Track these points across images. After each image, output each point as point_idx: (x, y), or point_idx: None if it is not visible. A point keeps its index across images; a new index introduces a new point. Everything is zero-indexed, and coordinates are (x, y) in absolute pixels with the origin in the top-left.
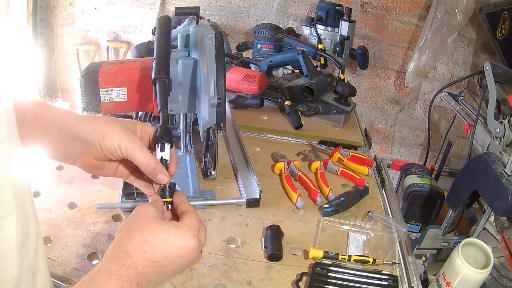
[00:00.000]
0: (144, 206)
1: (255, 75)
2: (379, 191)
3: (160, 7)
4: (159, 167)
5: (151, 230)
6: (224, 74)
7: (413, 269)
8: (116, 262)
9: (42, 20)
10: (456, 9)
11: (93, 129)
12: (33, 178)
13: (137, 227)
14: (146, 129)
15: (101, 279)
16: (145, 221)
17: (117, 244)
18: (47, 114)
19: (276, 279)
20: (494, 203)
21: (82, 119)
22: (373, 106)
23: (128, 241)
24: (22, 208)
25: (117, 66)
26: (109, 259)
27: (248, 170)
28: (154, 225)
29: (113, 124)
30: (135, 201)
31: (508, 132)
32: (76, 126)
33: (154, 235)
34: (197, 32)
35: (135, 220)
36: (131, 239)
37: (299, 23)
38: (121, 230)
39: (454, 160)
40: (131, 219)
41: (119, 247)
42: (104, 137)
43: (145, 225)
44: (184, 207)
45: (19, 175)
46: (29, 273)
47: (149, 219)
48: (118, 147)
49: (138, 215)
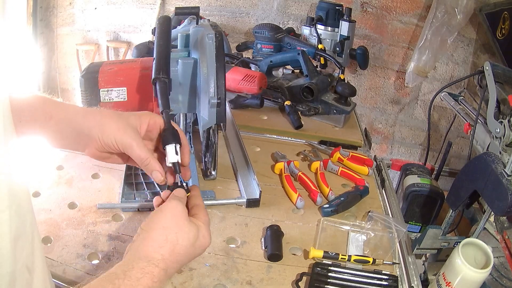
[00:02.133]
0: (176, 203)
1: (255, 75)
2: (379, 191)
3: (160, 7)
4: (153, 164)
5: (185, 233)
6: (224, 74)
7: (413, 269)
8: (151, 263)
9: (42, 20)
10: (456, 9)
11: (94, 125)
12: (33, 178)
13: (173, 228)
14: (155, 121)
15: (134, 276)
16: (179, 221)
17: (153, 243)
18: (56, 113)
19: (276, 279)
20: (494, 203)
21: (87, 114)
22: (373, 106)
23: (165, 243)
24: (17, 205)
25: (117, 66)
26: (143, 257)
27: (248, 170)
28: (187, 227)
29: (113, 119)
30: (135, 201)
31: (508, 132)
32: (81, 122)
33: (186, 239)
34: (197, 32)
35: (170, 218)
36: (167, 241)
37: (299, 23)
38: (154, 226)
39: (454, 160)
40: (164, 216)
41: (156, 248)
42: (102, 133)
43: (180, 226)
44: (196, 200)
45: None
46: (25, 270)
47: (182, 220)
48: (115, 142)
49: (173, 213)
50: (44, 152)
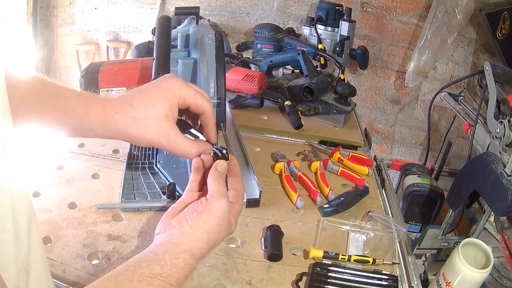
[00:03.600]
0: (223, 207)
1: (255, 75)
2: (379, 191)
3: (160, 7)
4: (199, 149)
5: (222, 233)
6: (224, 74)
7: (413, 269)
8: (192, 257)
9: (42, 20)
10: (456, 9)
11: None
12: (33, 178)
13: (215, 232)
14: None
15: (179, 265)
16: (221, 225)
17: (197, 242)
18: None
19: (276, 279)
20: (494, 203)
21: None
22: (373, 106)
23: (207, 244)
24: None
25: (117, 66)
26: (188, 250)
27: (248, 170)
28: (225, 231)
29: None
30: (135, 201)
31: (508, 132)
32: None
33: (221, 238)
34: (197, 32)
35: (215, 223)
36: (209, 242)
37: (299, 23)
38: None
39: (454, 160)
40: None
41: (198, 246)
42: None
43: (221, 231)
44: (237, 185)
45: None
46: (22, 272)
47: (224, 224)
48: (151, 144)
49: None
50: (44, 152)
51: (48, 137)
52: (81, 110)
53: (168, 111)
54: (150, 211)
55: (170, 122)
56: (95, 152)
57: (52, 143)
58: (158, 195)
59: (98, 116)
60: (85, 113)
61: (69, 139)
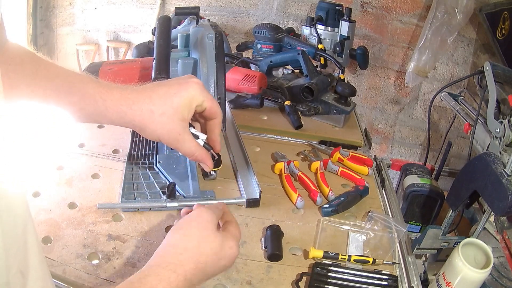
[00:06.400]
0: (204, 212)
1: (255, 75)
2: (379, 191)
3: (160, 7)
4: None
5: (208, 242)
6: (224, 74)
7: (413, 269)
8: (168, 269)
9: (42, 20)
10: (456, 9)
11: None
12: (33, 178)
13: (195, 235)
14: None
15: (149, 282)
16: (203, 230)
17: (172, 250)
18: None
19: (276, 279)
20: (494, 203)
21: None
22: (373, 106)
23: (184, 250)
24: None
25: (117, 66)
26: (161, 263)
27: (248, 170)
28: (212, 236)
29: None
30: (135, 201)
31: (508, 132)
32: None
33: (209, 248)
34: (197, 32)
35: (194, 226)
36: (187, 249)
37: (299, 23)
38: (177, 233)
39: (454, 160)
40: (188, 223)
41: (174, 255)
42: (143, 131)
43: (203, 235)
44: (228, 217)
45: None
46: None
47: (207, 230)
48: (159, 139)
49: (198, 221)
50: (44, 152)
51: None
52: (97, 95)
53: (185, 111)
54: (150, 211)
55: (184, 122)
56: (95, 152)
57: (51, 143)
58: (158, 195)
59: (114, 102)
60: (102, 99)
61: (69, 139)
